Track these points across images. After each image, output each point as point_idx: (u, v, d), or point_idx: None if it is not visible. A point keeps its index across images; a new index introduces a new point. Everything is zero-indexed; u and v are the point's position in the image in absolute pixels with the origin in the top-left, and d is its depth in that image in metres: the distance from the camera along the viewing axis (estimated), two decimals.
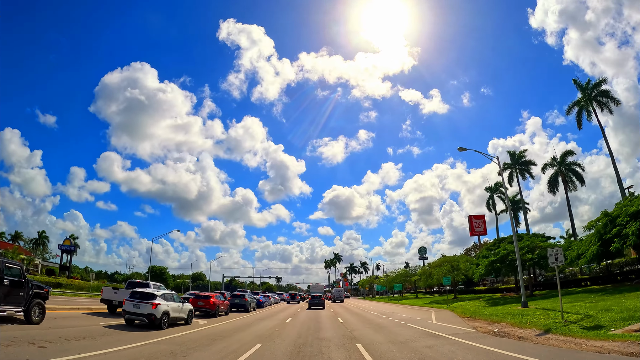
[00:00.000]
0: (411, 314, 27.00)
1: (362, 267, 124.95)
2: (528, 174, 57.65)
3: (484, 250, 44.52)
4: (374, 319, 22.48)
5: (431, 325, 17.68)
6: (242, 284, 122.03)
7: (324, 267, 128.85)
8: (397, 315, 25.91)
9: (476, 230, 65.64)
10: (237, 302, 28.34)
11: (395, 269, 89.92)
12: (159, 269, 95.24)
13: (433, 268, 50.30)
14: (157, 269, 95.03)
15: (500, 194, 63.04)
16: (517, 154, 58.32)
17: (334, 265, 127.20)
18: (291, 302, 51.77)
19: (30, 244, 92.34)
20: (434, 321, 20.28)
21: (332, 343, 11.99)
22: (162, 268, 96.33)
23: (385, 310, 32.99)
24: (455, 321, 19.95)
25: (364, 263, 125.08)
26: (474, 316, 21.62)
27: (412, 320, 20.85)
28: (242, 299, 28.56)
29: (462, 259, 49.57)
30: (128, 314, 14.61)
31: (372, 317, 24.18)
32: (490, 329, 15.28)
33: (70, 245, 73.43)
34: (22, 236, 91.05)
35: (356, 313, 29.25)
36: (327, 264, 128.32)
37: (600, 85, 43.72)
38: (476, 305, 30.54)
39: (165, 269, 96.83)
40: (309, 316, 25.89)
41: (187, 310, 17.09)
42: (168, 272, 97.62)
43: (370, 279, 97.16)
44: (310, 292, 65.71)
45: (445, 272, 45.92)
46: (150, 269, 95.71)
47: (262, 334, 14.50)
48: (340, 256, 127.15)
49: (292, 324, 19.26)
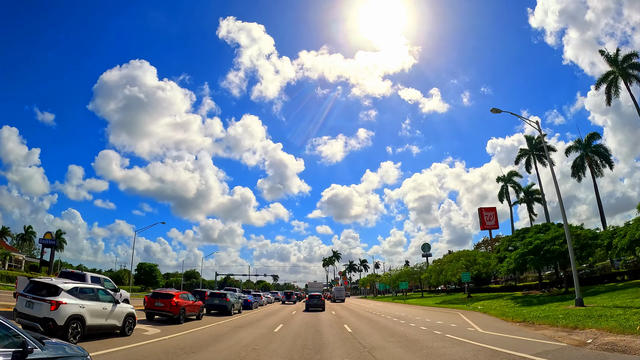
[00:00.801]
0: (435, 317, 21.19)
1: (362, 265, 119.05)
2: (547, 160, 52.04)
3: (505, 243, 38.84)
4: (392, 326, 16.64)
5: (486, 338, 11.81)
6: (236, 282, 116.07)
7: (322, 265, 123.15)
8: (419, 319, 20.10)
9: (487, 224, 60.17)
10: (215, 303, 22.46)
11: (395, 267, 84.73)
12: (148, 266, 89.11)
13: (445, 264, 44.48)
14: (146, 266, 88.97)
15: (514, 184, 57.36)
16: (535, 138, 52.79)
17: (332, 264, 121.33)
18: (286, 302, 45.66)
19: (17, 239, 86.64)
20: (479, 329, 14.48)
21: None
22: (151, 265, 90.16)
23: (398, 312, 27.19)
24: (510, 328, 14.23)
25: (364, 261, 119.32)
26: (523, 319, 16.14)
27: (446, 328, 15.02)
28: (222, 299, 22.71)
29: (478, 254, 43.90)
30: (18, 315, 9.28)
31: (389, 323, 18.33)
32: (581, 339, 10.07)
33: (52, 239, 67.56)
34: (10, 232, 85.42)
35: (365, 317, 23.40)
36: (325, 262, 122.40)
37: (632, 58, 38.33)
38: (506, 305, 25.19)
39: (155, 266, 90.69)
40: (306, 321, 20.05)
41: (123, 314, 11.27)
42: (158, 269, 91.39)
43: (371, 277, 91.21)
44: (308, 291, 59.65)
45: (461, 268, 40.24)
46: (139, 266, 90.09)
47: (230, 356, 8.71)
48: (339, 254, 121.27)
49: (281, 336, 13.41)
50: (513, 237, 38.59)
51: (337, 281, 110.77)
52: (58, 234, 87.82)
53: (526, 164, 53.23)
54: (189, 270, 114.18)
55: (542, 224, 38.47)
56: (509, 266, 30.07)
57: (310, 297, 30.46)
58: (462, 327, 15.56)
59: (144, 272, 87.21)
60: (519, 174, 57.15)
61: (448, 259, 45.45)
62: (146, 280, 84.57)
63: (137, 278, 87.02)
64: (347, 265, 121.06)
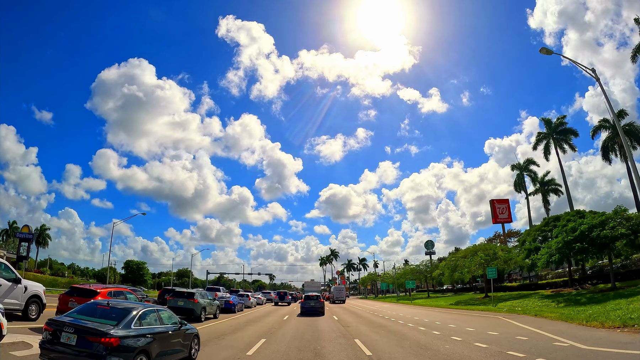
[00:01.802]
0: (476, 324, 15.37)
1: (361, 263, 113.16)
2: (568, 146, 46.61)
3: (533, 233, 33.18)
4: (432, 344, 10.76)
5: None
6: (231, 281, 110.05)
7: (319, 265, 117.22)
8: (454, 327, 14.32)
9: (500, 217, 54.37)
10: (178, 305, 16.49)
11: (398, 266, 79.03)
12: (136, 263, 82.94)
13: (459, 259, 38.73)
14: (133, 263, 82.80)
15: (531, 172, 51.73)
16: (554, 121, 47.27)
17: (330, 263, 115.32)
18: (280, 303, 39.61)
19: (1, 235, 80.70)
20: (574, 342, 8.70)
21: None
22: (139, 263, 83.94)
23: (416, 316, 21.35)
24: (619, 338, 8.47)
25: (363, 260, 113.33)
26: (622, 324, 10.56)
27: (519, 344, 9.26)
28: (188, 301, 16.75)
29: (497, 247, 38.24)
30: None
31: (420, 337, 12.45)
32: None
33: (29, 233, 61.83)
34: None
35: (378, 324, 17.52)
36: (322, 261, 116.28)
37: None
38: (545, 306, 20.33)
39: (143, 263, 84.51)
40: (300, 332, 14.21)
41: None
42: (147, 267, 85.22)
43: (372, 276, 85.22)
44: (305, 290, 53.46)
45: (480, 263, 34.57)
46: (126, 263, 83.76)
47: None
48: (337, 252, 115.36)
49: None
50: (542, 227, 33.00)
51: (335, 280, 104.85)
52: (42, 229, 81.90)
53: (545, 149, 47.75)
54: (181, 269, 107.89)
55: (575, 210, 32.82)
56: (551, 258, 24.34)
57: (307, 299, 24.49)
58: (539, 339, 9.83)
59: (131, 270, 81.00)
60: (536, 162, 51.64)
61: (462, 254, 39.70)
62: (133, 279, 78.43)
63: (124, 277, 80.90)
64: (346, 264, 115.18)
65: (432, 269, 57.41)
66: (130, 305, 6.70)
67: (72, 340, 5.37)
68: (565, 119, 47.15)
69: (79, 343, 5.33)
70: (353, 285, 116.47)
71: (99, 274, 79.01)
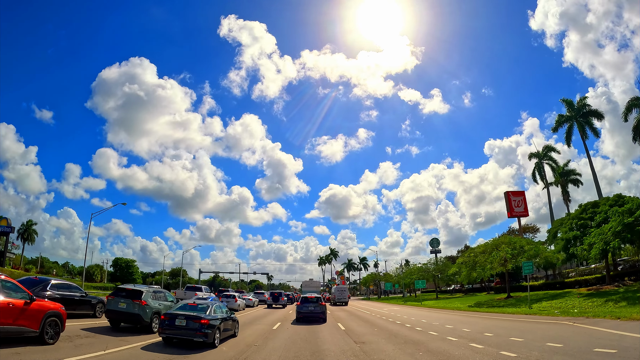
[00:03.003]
0: (556, 334, 10.10)
1: (362, 263, 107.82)
2: (591, 130, 41.58)
3: (569, 222, 28.13)
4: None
5: None
6: (226, 281, 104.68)
7: (318, 265, 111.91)
8: (521, 342, 9.07)
9: (515, 211, 49.24)
10: (120, 309, 11.26)
11: (401, 264, 73.74)
12: (125, 261, 77.40)
13: (478, 255, 33.54)
14: (122, 261, 77.24)
15: (550, 160, 46.65)
16: (577, 103, 42.23)
17: (329, 262, 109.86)
18: (274, 305, 34.15)
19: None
20: None
21: None
22: (128, 260, 78.42)
23: (450, 324, 16.03)
24: None
25: (364, 259, 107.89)
26: None
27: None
28: (133, 304, 11.50)
29: (523, 240, 33.07)
30: None
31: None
32: None
33: (7, 226, 56.89)
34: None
35: (410, 340, 12.23)
36: (321, 260, 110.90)
37: None
38: (610, 307, 15.78)
39: (132, 261, 78.98)
40: (293, 357, 8.97)
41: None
42: (136, 265, 79.66)
43: (374, 276, 79.71)
44: (303, 291, 47.92)
45: (506, 258, 29.48)
46: (115, 261, 78.23)
47: None
48: (336, 251, 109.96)
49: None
50: (578, 214, 28.04)
51: (334, 281, 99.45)
52: (28, 225, 76.33)
53: (567, 134, 42.74)
54: (175, 268, 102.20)
55: (616, 195, 27.74)
56: (607, 245, 19.30)
57: (304, 301, 18.95)
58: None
59: (120, 268, 75.43)
60: (556, 149, 46.64)
61: (481, 249, 34.47)
62: (122, 277, 72.99)
63: (112, 275, 75.42)
64: (346, 264, 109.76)
65: (441, 267, 52.32)
66: (208, 303, 11.46)
67: (182, 323, 9.85)
68: (586, 98, 42.23)
69: (187, 324, 9.84)
70: (353, 286, 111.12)
71: (82, 271, 73.36)
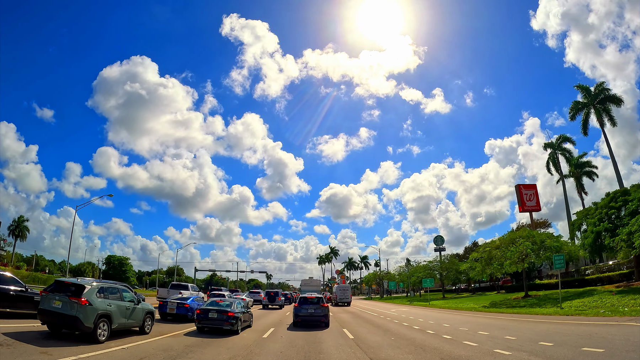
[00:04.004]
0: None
1: (363, 262, 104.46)
2: (608, 118, 38.47)
3: (597, 212, 25.03)
4: None
5: None
6: (224, 280, 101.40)
7: (317, 264, 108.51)
8: None
9: (527, 205, 45.95)
10: (53, 308, 8.10)
11: (407, 263, 70.50)
12: (118, 259, 74.30)
13: (492, 250, 30.32)
14: (115, 259, 74.17)
15: (564, 151, 43.54)
16: (595, 88, 39.11)
17: (329, 261, 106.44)
18: (270, 305, 30.83)
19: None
20: None
21: None
22: (121, 258, 75.34)
23: (482, 329, 12.69)
24: None
25: (364, 257, 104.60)
26: None
27: None
28: (71, 303, 8.29)
29: (543, 234, 29.87)
30: None
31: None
32: None
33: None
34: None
35: (445, 353, 8.97)
36: (321, 259, 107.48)
37: None
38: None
39: (126, 259, 75.92)
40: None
41: None
42: (130, 263, 76.49)
43: (377, 275, 76.33)
44: (302, 290, 44.47)
45: (525, 252, 26.33)
46: (108, 258, 74.88)
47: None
48: (336, 250, 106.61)
49: None
50: (607, 203, 24.97)
51: (335, 280, 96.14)
52: (19, 221, 73.09)
53: (583, 121, 39.66)
54: (171, 267, 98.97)
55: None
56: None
57: (303, 302, 15.60)
58: None
59: (113, 267, 72.35)
60: (571, 139, 43.54)
61: (496, 243, 31.24)
62: (115, 276, 69.76)
63: (105, 273, 72.23)
64: (346, 263, 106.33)
65: (448, 265, 49.16)
66: (230, 300, 14.23)
67: (214, 315, 12.50)
68: (603, 83, 39.15)
69: (218, 316, 12.46)
70: (354, 285, 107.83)
71: (76, 269, 70.23)
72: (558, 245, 27.30)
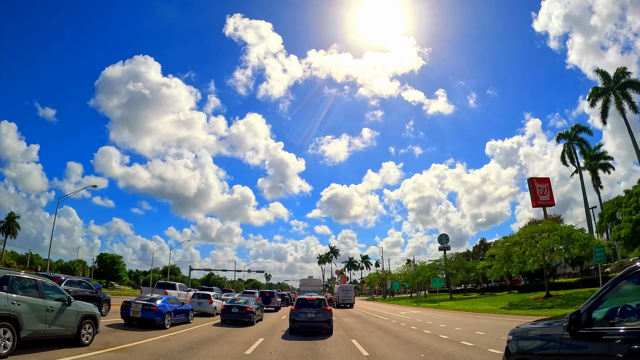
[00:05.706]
0: None
1: (364, 261, 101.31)
2: (629, 105, 35.42)
3: (632, 202, 21.85)
4: None
5: None
6: (221, 280, 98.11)
7: (317, 263, 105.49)
8: None
9: (541, 199, 42.86)
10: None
11: (412, 263, 67.34)
12: (110, 257, 70.96)
13: (511, 246, 27.13)
14: (107, 257, 70.76)
15: (580, 142, 40.44)
16: (615, 73, 35.98)
17: (329, 261, 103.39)
18: (264, 307, 27.52)
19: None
20: None
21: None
22: (114, 256, 72.09)
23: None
24: None
25: (365, 257, 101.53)
26: None
27: None
28: None
29: (569, 227, 26.62)
30: None
31: None
32: None
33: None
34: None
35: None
36: (321, 259, 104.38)
37: None
38: None
39: (118, 257, 72.63)
40: None
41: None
42: (122, 262, 73.28)
43: (380, 274, 73.02)
44: (301, 290, 41.22)
45: (552, 247, 23.20)
46: (99, 257, 71.59)
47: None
48: (336, 250, 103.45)
49: None
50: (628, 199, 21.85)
51: (335, 280, 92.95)
52: (10, 218, 69.85)
53: (602, 108, 36.65)
54: (166, 267, 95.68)
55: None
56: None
57: (301, 305, 12.43)
58: None
59: (105, 265, 68.99)
60: (588, 129, 40.47)
61: (514, 239, 28.01)
62: (107, 274, 66.61)
63: (97, 272, 68.85)
64: (347, 262, 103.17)
65: (455, 264, 45.97)
66: (247, 298, 16.85)
67: (236, 310, 15.24)
68: (625, 69, 36.02)
69: (239, 311, 15.19)
70: (354, 286, 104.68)
71: (65, 267, 66.90)
72: (586, 239, 24.17)
